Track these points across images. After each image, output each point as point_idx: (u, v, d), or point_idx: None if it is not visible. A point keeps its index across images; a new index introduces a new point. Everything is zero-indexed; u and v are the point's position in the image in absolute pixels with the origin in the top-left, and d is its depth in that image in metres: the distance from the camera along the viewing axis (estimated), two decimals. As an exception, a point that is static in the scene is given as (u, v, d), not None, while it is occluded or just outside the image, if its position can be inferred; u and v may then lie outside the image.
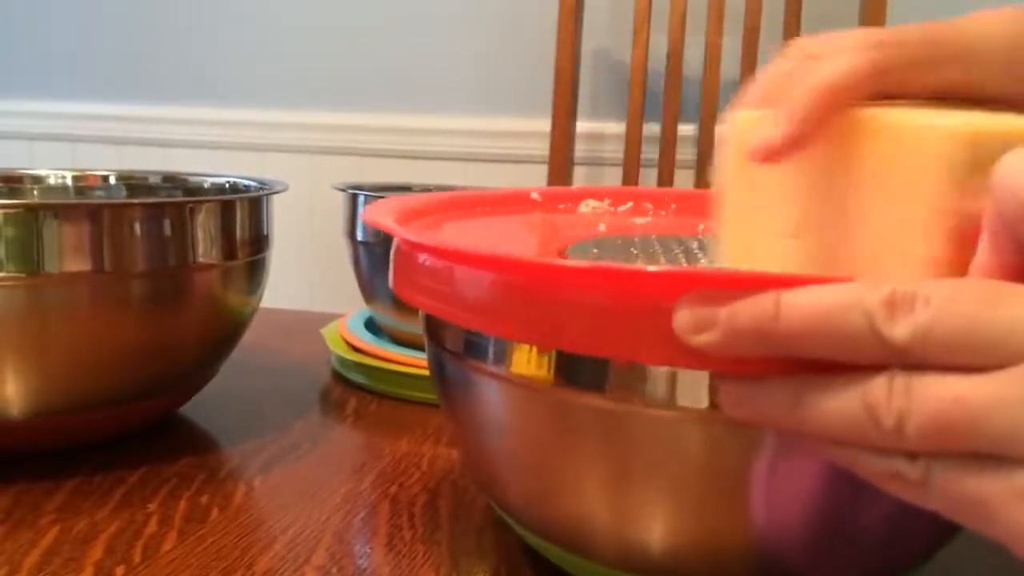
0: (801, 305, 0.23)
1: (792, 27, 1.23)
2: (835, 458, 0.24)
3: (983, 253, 0.25)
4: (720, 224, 0.33)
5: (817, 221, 0.29)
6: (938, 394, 0.21)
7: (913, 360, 0.21)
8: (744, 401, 0.25)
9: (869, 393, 0.22)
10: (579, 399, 0.30)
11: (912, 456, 0.22)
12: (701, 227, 0.45)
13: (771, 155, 0.29)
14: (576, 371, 0.30)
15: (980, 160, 0.24)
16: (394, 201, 0.42)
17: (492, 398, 0.34)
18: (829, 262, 0.29)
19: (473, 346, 0.33)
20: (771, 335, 0.23)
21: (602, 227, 0.45)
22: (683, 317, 0.24)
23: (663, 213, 0.50)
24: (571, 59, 1.31)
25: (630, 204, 0.51)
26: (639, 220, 0.49)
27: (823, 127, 0.28)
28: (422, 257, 0.33)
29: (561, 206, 0.49)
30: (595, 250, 0.39)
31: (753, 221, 0.31)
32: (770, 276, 0.24)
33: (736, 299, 0.23)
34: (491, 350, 0.32)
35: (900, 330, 0.21)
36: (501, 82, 1.53)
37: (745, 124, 0.31)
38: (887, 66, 0.28)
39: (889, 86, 0.29)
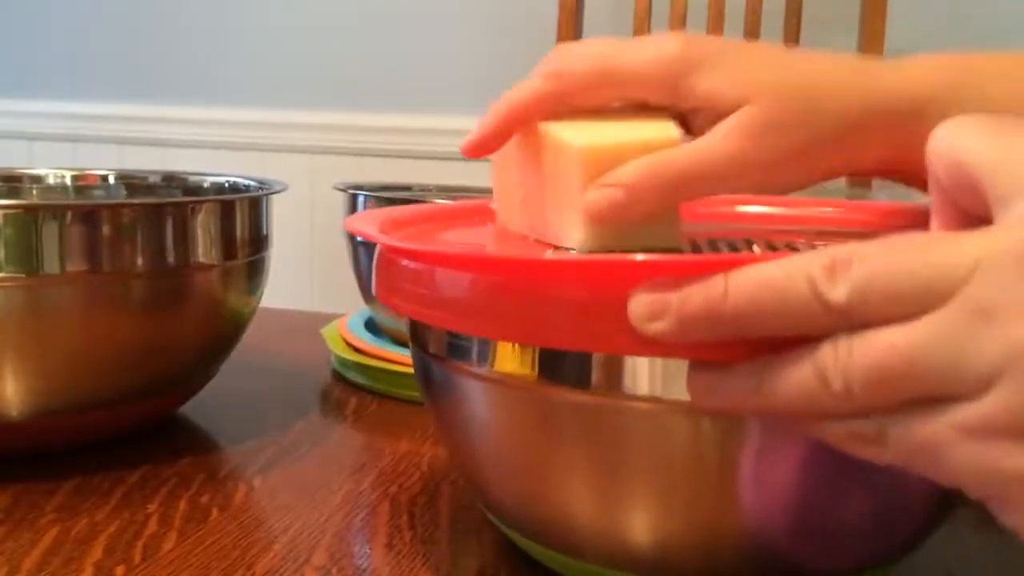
0: (747, 281, 0.23)
1: (792, 27, 1.23)
2: (803, 431, 0.25)
3: (932, 220, 0.25)
4: (495, 197, 0.42)
5: (530, 201, 0.38)
6: (874, 345, 0.22)
7: (856, 319, 0.22)
8: (711, 389, 0.26)
9: (818, 360, 0.23)
10: (563, 395, 0.30)
11: (866, 414, 0.23)
12: None
13: (467, 151, 0.37)
14: (559, 367, 0.30)
15: (599, 166, 0.33)
16: (377, 212, 0.43)
17: (477, 399, 0.34)
18: (541, 232, 0.37)
19: (456, 348, 0.34)
20: (722, 315, 0.23)
21: None
22: (637, 305, 0.25)
23: None
24: (571, 59, 1.31)
25: None
26: None
27: (508, 135, 0.36)
28: (403, 262, 0.34)
29: None
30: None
31: (506, 194, 0.41)
32: (723, 259, 0.24)
33: (687, 284, 0.24)
34: (474, 351, 0.33)
35: (839, 290, 0.22)
36: (501, 82, 1.53)
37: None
38: (557, 93, 0.35)
39: (570, 103, 0.36)
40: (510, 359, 0.31)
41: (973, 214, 0.24)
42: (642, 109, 0.36)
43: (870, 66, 0.36)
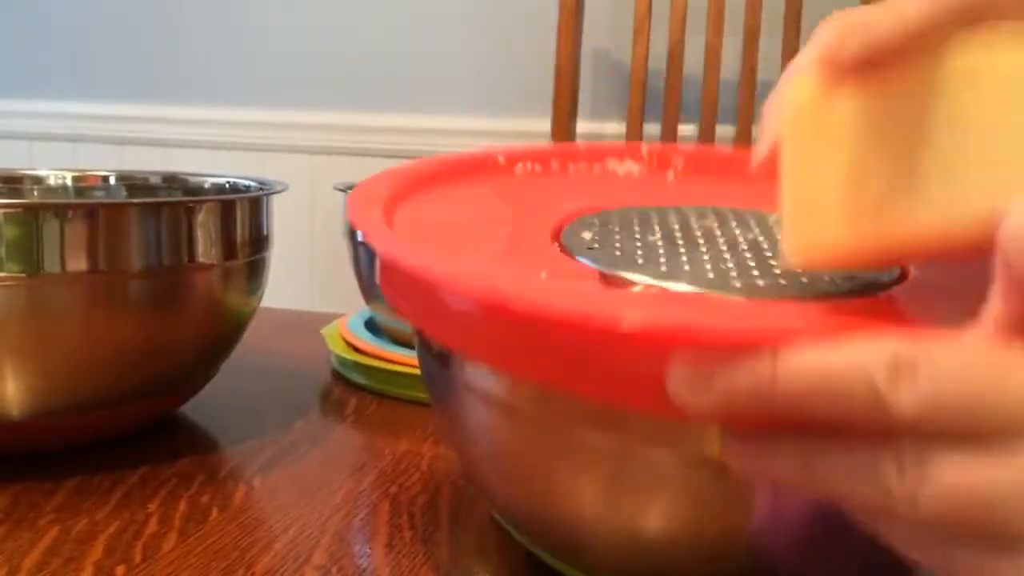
0: (799, 368, 0.22)
1: (792, 27, 1.23)
2: (854, 515, 0.23)
3: (994, 302, 0.24)
4: (785, 201, 0.27)
5: (897, 175, 0.25)
6: (947, 479, 0.20)
7: (922, 431, 0.21)
8: (751, 460, 0.24)
9: (881, 473, 0.21)
10: (571, 408, 0.30)
11: (930, 531, 0.21)
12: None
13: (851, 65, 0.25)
14: None
15: None
16: (376, 188, 0.37)
17: (480, 405, 0.33)
18: (913, 220, 0.25)
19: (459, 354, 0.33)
20: (769, 397, 0.22)
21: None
22: (678, 378, 0.23)
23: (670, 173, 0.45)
24: (571, 59, 1.31)
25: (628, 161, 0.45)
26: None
27: (907, 59, 0.25)
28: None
29: (554, 164, 0.44)
30: (594, 234, 0.34)
31: (819, 189, 0.26)
32: (767, 331, 0.22)
33: (731, 358, 0.22)
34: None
35: (905, 400, 0.20)
36: (501, 82, 1.53)
37: (802, 87, 0.27)
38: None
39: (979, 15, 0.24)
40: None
41: None
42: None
43: None
